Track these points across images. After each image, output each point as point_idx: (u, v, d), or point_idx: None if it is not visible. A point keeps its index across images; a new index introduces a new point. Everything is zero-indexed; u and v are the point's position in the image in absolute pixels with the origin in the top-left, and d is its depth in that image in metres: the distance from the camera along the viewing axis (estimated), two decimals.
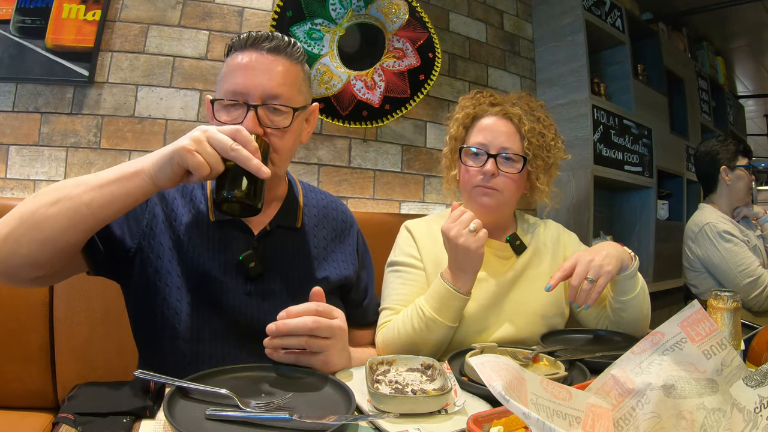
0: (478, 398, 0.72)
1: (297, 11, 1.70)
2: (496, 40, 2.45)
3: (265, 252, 0.90)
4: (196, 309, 0.85)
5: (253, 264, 0.87)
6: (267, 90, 0.83)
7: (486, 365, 0.47)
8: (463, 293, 0.95)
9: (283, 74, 0.85)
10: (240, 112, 0.83)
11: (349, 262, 1.01)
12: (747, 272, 1.78)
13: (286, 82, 0.86)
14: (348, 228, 1.06)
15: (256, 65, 0.84)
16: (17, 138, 1.49)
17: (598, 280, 0.92)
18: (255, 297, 0.88)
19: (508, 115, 1.11)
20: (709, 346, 0.53)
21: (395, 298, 1.07)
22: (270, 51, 0.85)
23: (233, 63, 0.85)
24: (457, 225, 0.92)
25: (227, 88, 0.84)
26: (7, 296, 1.16)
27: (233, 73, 0.84)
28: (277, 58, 0.86)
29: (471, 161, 1.10)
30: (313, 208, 1.01)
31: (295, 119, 0.87)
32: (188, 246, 0.87)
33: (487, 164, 1.07)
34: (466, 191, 1.13)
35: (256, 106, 0.83)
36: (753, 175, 1.98)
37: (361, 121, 1.80)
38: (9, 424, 1.10)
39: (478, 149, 1.09)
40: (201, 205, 0.91)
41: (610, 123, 2.51)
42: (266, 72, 0.84)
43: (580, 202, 2.38)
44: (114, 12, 1.60)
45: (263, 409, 0.62)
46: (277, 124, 0.85)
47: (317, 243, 0.98)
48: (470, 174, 1.10)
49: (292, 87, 0.87)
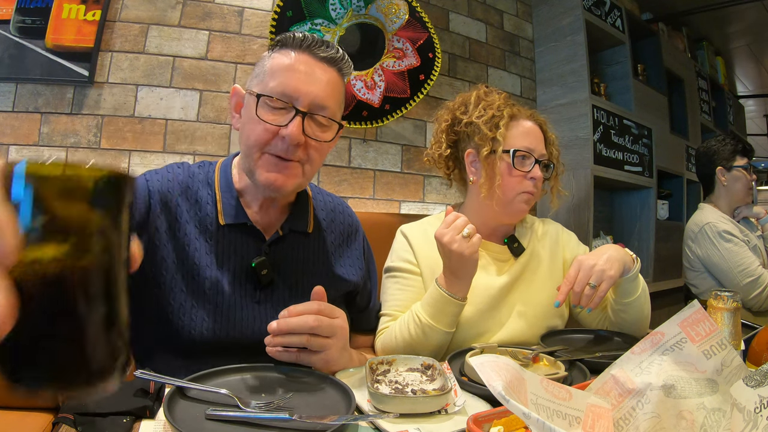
0: (478, 398, 0.72)
1: (297, 11, 1.70)
2: (496, 40, 2.45)
3: (277, 258, 0.87)
4: (201, 323, 0.81)
5: (265, 271, 0.84)
6: (318, 100, 0.80)
7: (486, 365, 0.47)
8: (458, 299, 0.94)
9: (333, 86, 0.83)
10: (286, 115, 0.79)
11: (356, 268, 1.00)
12: (747, 272, 1.78)
13: (335, 95, 0.83)
14: (354, 233, 1.03)
15: (310, 71, 0.80)
16: (17, 138, 1.49)
17: (600, 285, 0.91)
18: (264, 305, 0.86)
19: (538, 120, 1.11)
20: (709, 346, 0.52)
21: (393, 304, 1.07)
22: (324, 60, 0.82)
23: (284, 62, 0.80)
24: (451, 230, 0.90)
25: (276, 88, 0.79)
26: None
27: (284, 73, 0.80)
28: (330, 68, 0.83)
29: (520, 166, 1.06)
30: (322, 211, 0.99)
31: (337, 135, 0.85)
32: (194, 255, 0.83)
33: (535, 170, 1.06)
34: (507, 196, 1.07)
35: (305, 114, 0.79)
36: (754, 174, 1.97)
37: (361, 121, 1.80)
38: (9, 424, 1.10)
39: (528, 154, 1.06)
40: (208, 206, 0.86)
41: (610, 123, 2.51)
42: (319, 81, 0.81)
43: (580, 202, 2.38)
44: (114, 12, 1.60)
45: (263, 409, 0.62)
46: (319, 137, 0.82)
47: (327, 248, 0.96)
48: (517, 179, 1.06)
49: (337, 101, 0.84)
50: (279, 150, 0.79)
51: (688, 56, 3.45)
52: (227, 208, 0.86)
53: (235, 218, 0.85)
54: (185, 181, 0.87)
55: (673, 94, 3.13)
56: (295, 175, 0.82)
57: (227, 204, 0.86)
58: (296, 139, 0.78)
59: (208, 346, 0.82)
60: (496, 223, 1.13)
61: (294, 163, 0.81)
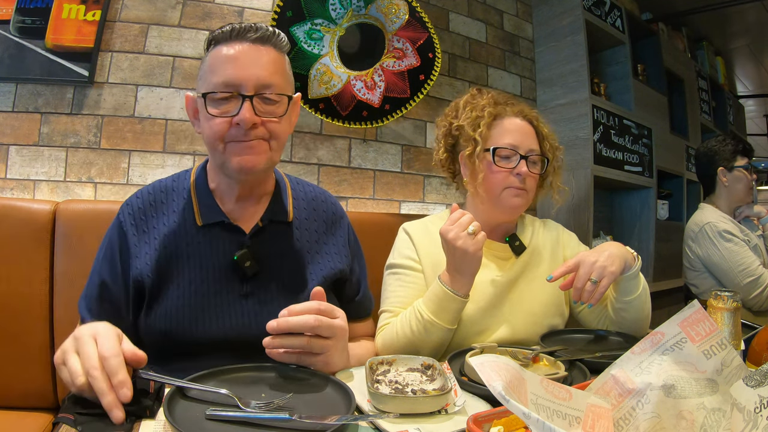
0: (478, 398, 0.72)
1: (297, 11, 1.70)
2: (496, 40, 2.45)
3: (259, 250, 0.88)
4: (190, 324, 0.83)
5: (249, 263, 0.85)
6: (260, 80, 0.82)
7: (486, 365, 0.47)
8: (460, 296, 0.95)
9: (273, 63, 0.84)
10: (233, 104, 0.81)
11: (342, 255, 1.00)
12: (747, 272, 1.78)
13: (277, 71, 0.85)
14: (338, 220, 1.03)
15: (245, 56, 0.82)
16: (17, 138, 1.49)
17: (601, 281, 0.92)
18: (252, 299, 0.87)
19: (528, 116, 1.12)
20: (709, 346, 0.52)
21: (394, 301, 1.07)
22: (257, 41, 0.84)
23: (219, 55, 0.83)
24: (456, 227, 0.92)
25: (217, 80, 0.81)
26: (7, 296, 1.16)
27: (222, 65, 0.82)
28: (265, 47, 0.84)
29: (502, 163, 1.09)
30: (302, 200, 0.99)
31: (290, 107, 0.87)
32: (177, 261, 0.85)
33: (520, 165, 1.07)
34: (492, 193, 1.10)
35: (251, 97, 0.81)
36: (754, 174, 1.97)
37: (361, 121, 1.79)
38: (9, 424, 1.10)
39: (510, 150, 1.08)
40: (185, 212, 0.89)
41: (610, 123, 2.51)
42: (256, 62, 0.82)
43: (580, 202, 2.38)
44: (114, 12, 1.60)
45: (263, 409, 0.62)
46: (273, 113, 0.84)
47: (309, 236, 0.96)
48: (501, 176, 1.08)
49: (282, 76, 0.86)
50: (239, 136, 0.82)
51: (688, 56, 3.45)
52: (203, 209, 0.89)
53: (211, 218, 0.88)
54: (157, 197, 0.91)
55: (673, 94, 3.13)
56: (263, 151, 0.84)
57: (203, 205, 0.89)
58: (250, 122, 0.80)
59: (199, 345, 0.84)
60: (495, 222, 1.14)
61: (258, 141, 0.83)
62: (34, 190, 1.50)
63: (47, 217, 1.23)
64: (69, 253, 1.22)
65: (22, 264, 1.19)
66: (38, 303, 1.19)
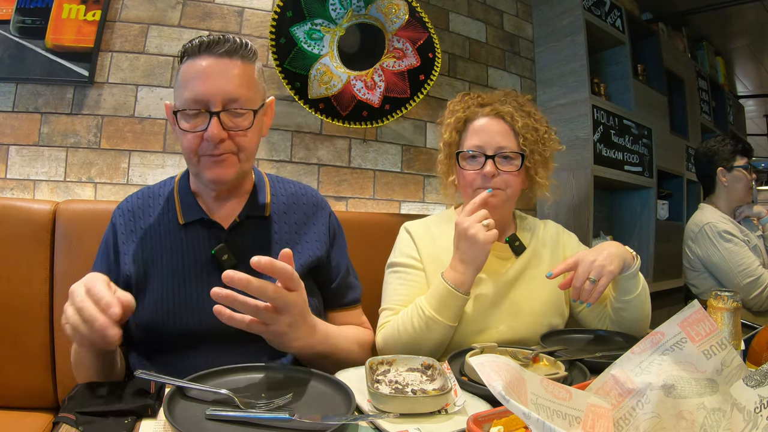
0: (478, 398, 0.72)
1: (297, 11, 1.70)
2: (496, 40, 2.45)
3: (237, 244, 0.92)
4: (172, 317, 0.87)
5: (226, 257, 0.89)
6: (227, 94, 0.85)
7: (486, 365, 0.47)
8: (462, 292, 0.96)
9: (239, 77, 0.87)
10: (202, 119, 0.85)
11: (320, 242, 1.01)
12: (747, 272, 1.78)
13: (243, 83, 0.87)
14: (319, 210, 1.05)
15: (212, 71, 0.85)
16: (17, 138, 1.49)
17: (599, 280, 0.92)
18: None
19: (499, 114, 1.10)
20: (709, 346, 0.53)
21: (395, 299, 1.08)
22: (224, 54, 0.86)
23: (190, 70, 0.86)
24: (472, 218, 0.96)
25: (187, 96, 0.85)
26: (7, 296, 1.16)
27: (191, 81, 0.85)
28: (232, 60, 0.87)
29: (469, 165, 1.10)
30: (282, 197, 1.02)
31: (255, 119, 0.89)
32: (161, 258, 0.90)
33: (486, 166, 1.07)
34: (467, 195, 1.12)
35: (218, 113, 0.84)
36: (754, 174, 1.97)
37: (361, 121, 1.79)
38: (9, 424, 1.10)
39: (474, 152, 1.09)
40: (169, 213, 0.94)
41: (610, 123, 2.51)
42: (223, 76, 0.85)
43: (580, 202, 2.38)
44: (114, 12, 1.60)
45: (263, 409, 0.62)
46: (239, 126, 0.87)
47: (288, 229, 0.99)
48: (469, 178, 1.10)
49: (249, 88, 0.89)
50: (210, 149, 0.86)
51: (688, 56, 3.45)
52: (184, 208, 0.94)
53: (192, 216, 0.93)
54: (146, 201, 0.97)
55: (673, 94, 3.13)
56: (232, 164, 0.89)
57: (185, 205, 0.95)
58: (218, 138, 0.84)
59: (181, 337, 0.87)
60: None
61: (226, 155, 0.88)
62: (34, 190, 1.50)
63: (47, 217, 1.23)
64: (69, 253, 1.22)
65: (22, 264, 1.19)
66: (38, 303, 1.19)
